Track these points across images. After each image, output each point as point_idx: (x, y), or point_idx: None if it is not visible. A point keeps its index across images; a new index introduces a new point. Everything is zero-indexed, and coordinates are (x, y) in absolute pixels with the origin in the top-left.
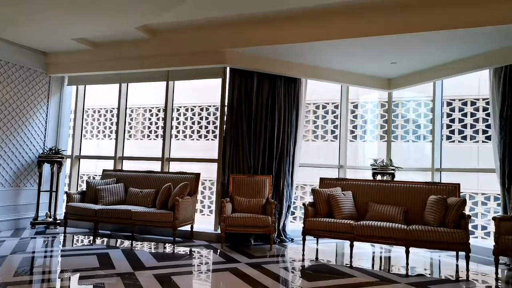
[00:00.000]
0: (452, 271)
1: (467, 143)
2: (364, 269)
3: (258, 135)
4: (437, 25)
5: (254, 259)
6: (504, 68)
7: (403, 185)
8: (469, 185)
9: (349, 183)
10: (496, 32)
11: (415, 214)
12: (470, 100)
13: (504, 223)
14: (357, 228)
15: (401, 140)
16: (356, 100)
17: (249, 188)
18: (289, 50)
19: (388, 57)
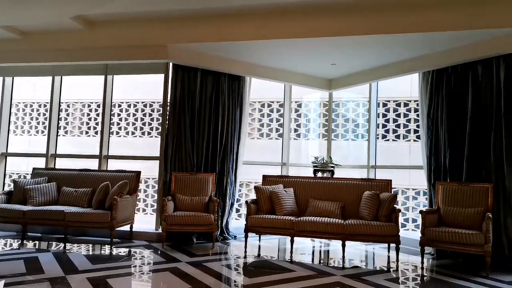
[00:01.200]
0: (384, 262)
1: (400, 141)
2: (303, 263)
3: (201, 132)
4: (371, 29)
5: (196, 258)
6: (431, 72)
7: (341, 181)
8: (402, 181)
9: (291, 180)
10: (425, 39)
11: (351, 209)
12: (403, 101)
13: (429, 216)
14: (297, 224)
15: (341, 139)
16: (300, 99)
17: (192, 186)
18: (234, 48)
19: (328, 58)
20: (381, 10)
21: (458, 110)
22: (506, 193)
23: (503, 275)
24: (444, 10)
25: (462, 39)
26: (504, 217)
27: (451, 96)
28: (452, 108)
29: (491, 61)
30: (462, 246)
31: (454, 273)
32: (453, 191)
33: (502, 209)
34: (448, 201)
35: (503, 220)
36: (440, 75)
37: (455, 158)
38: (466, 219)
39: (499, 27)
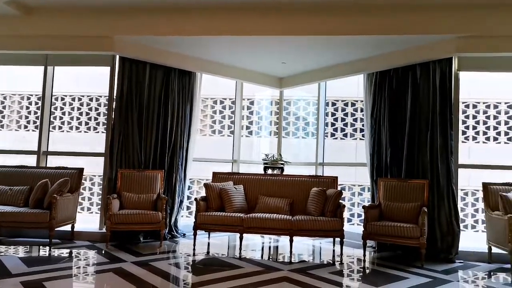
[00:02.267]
0: (330, 256)
1: (348, 140)
2: (252, 259)
3: (150, 128)
4: (319, 30)
5: (142, 257)
6: (375, 74)
7: (290, 178)
8: (349, 177)
9: (241, 177)
10: (370, 41)
11: (299, 205)
12: (350, 101)
13: (371, 211)
14: (246, 221)
15: (292, 137)
16: (253, 96)
17: (139, 183)
18: (185, 43)
19: (279, 57)
20: (329, 12)
21: (399, 111)
22: (440, 189)
23: (436, 265)
24: (388, 16)
25: (404, 43)
26: (438, 211)
27: (392, 97)
28: (393, 109)
29: (428, 64)
30: (400, 239)
31: (393, 264)
32: (393, 187)
33: (436, 204)
34: (388, 197)
35: (437, 214)
36: (383, 77)
37: (395, 156)
38: (404, 213)
39: (434, 33)
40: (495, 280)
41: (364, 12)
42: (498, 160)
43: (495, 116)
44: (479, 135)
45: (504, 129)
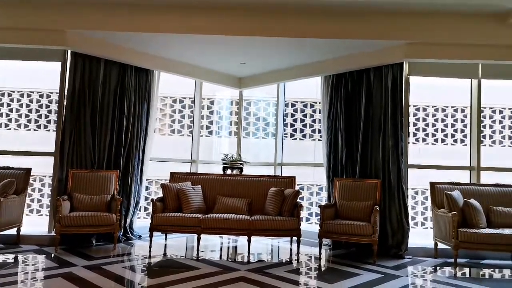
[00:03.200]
0: (287, 255)
1: (307, 140)
2: (210, 260)
3: (104, 126)
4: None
5: (94, 261)
6: (331, 77)
7: (248, 178)
8: (307, 177)
9: (199, 178)
10: (325, 45)
11: (258, 205)
12: (309, 102)
13: (327, 210)
14: (204, 221)
15: (252, 137)
16: (213, 96)
17: (92, 184)
18: (142, 40)
19: (238, 57)
20: (287, 14)
21: (354, 112)
22: (391, 188)
23: (388, 261)
24: (343, 21)
25: (358, 47)
26: (389, 209)
27: (348, 99)
28: (349, 111)
29: (381, 69)
30: (354, 236)
31: (347, 261)
32: (348, 187)
33: (388, 203)
34: (343, 196)
35: (388, 212)
36: (339, 80)
37: (350, 156)
38: (358, 212)
39: (385, 39)
40: (441, 274)
41: (321, 16)
42: (445, 161)
43: (442, 119)
44: (429, 137)
45: (451, 131)
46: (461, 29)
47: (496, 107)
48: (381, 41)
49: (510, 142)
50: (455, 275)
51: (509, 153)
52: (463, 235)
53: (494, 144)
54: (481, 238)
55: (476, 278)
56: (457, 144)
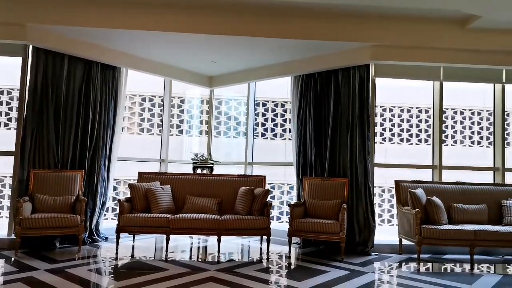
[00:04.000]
0: (257, 254)
1: (277, 140)
2: (179, 261)
3: (68, 125)
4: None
5: (58, 264)
6: (301, 77)
7: (218, 178)
8: (278, 176)
9: (168, 177)
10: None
11: (228, 205)
12: (280, 102)
13: (297, 209)
14: (173, 222)
15: (223, 136)
16: (183, 95)
17: (56, 184)
18: (108, 36)
19: (208, 55)
20: (257, 14)
21: (323, 112)
22: (358, 187)
23: (355, 258)
24: (312, 22)
25: (326, 48)
26: (357, 207)
27: (317, 99)
28: (318, 110)
29: (349, 70)
30: (323, 234)
31: (316, 259)
32: (317, 186)
33: (355, 201)
34: (313, 195)
35: (355, 210)
36: (309, 80)
37: (319, 156)
38: (327, 210)
39: (352, 41)
40: (405, 269)
41: (289, 16)
42: (410, 160)
43: (408, 120)
44: (395, 137)
45: (415, 131)
46: (425, 33)
47: (458, 108)
48: (348, 42)
49: (470, 142)
50: (418, 270)
51: (469, 153)
52: (425, 231)
53: (455, 143)
54: (443, 234)
55: (438, 272)
56: (421, 143)
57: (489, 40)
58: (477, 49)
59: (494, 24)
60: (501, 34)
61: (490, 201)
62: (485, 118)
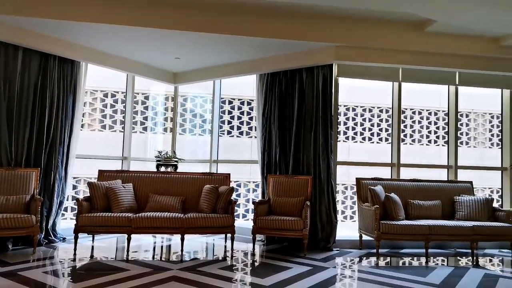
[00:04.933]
0: (221, 252)
1: (244, 138)
2: (141, 261)
3: (22, 121)
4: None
5: (10, 267)
6: (266, 75)
7: (182, 176)
8: (244, 174)
9: (130, 175)
10: (260, 43)
11: (192, 203)
12: (247, 100)
13: (261, 206)
14: (135, 221)
15: (189, 133)
16: (148, 91)
17: (9, 183)
18: (67, 28)
19: (173, 51)
20: (222, 11)
21: (287, 111)
22: (321, 184)
23: (317, 254)
24: (277, 21)
25: (291, 47)
26: (319, 204)
27: (281, 98)
28: (282, 109)
29: (313, 69)
30: (286, 231)
31: (280, 256)
32: (281, 183)
33: (318, 198)
34: (277, 192)
35: (318, 207)
36: (274, 78)
37: (283, 154)
38: (290, 207)
39: (315, 41)
40: (365, 264)
41: (254, 15)
42: (372, 158)
43: (370, 119)
44: (357, 136)
45: (377, 130)
46: (385, 35)
47: (416, 108)
48: (313, 42)
49: (428, 141)
50: (377, 265)
51: (426, 151)
52: (384, 226)
53: (414, 142)
54: (400, 229)
55: (396, 266)
56: (382, 142)
57: (444, 44)
58: (433, 52)
59: (449, 28)
60: (455, 38)
61: (443, 197)
62: (441, 118)
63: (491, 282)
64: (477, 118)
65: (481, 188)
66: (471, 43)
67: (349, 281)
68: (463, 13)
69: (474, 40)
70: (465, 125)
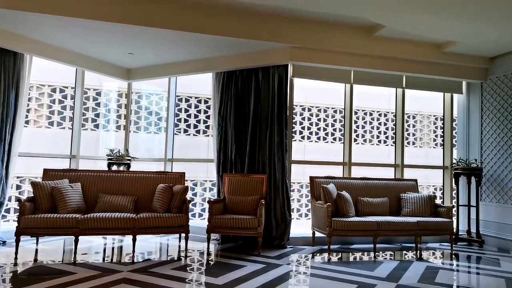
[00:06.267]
0: (175, 252)
1: (201, 136)
2: (89, 263)
3: None
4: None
5: None
6: (223, 73)
7: (135, 175)
8: (201, 173)
9: (78, 174)
10: (217, 42)
11: (145, 203)
12: (204, 98)
13: (216, 205)
14: (83, 222)
15: (144, 131)
16: (100, 87)
17: None
18: (7, 17)
19: (125, 46)
20: (177, 8)
21: (243, 110)
22: (276, 183)
23: (271, 251)
24: (234, 20)
25: (247, 47)
26: (274, 203)
27: (238, 97)
28: (239, 108)
29: (269, 69)
30: (241, 230)
31: (234, 255)
32: (237, 182)
33: (273, 196)
34: (232, 191)
35: (273, 205)
36: (230, 77)
37: (239, 152)
38: (246, 206)
39: (271, 41)
40: (317, 260)
41: (209, 13)
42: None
43: (324, 119)
44: (313, 135)
45: (331, 130)
46: (338, 38)
47: (367, 110)
48: (269, 42)
49: (378, 141)
50: (329, 260)
51: (377, 151)
52: (335, 223)
53: (365, 142)
54: (350, 225)
55: (346, 261)
56: (336, 142)
57: (392, 48)
58: (382, 55)
59: (396, 33)
60: (402, 43)
61: (391, 194)
62: (390, 119)
63: (432, 274)
64: (423, 119)
65: (426, 185)
66: (416, 48)
67: (301, 277)
68: (410, 19)
69: (419, 46)
70: (412, 126)
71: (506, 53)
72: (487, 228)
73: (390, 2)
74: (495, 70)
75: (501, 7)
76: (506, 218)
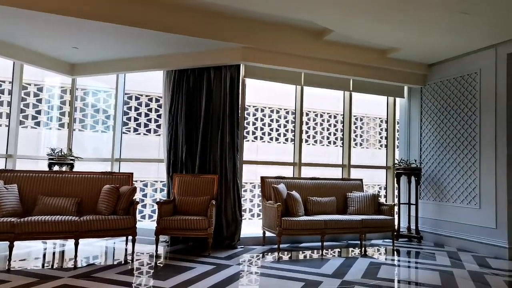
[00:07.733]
0: (122, 256)
1: (151, 135)
2: (26, 270)
3: None
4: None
5: None
6: (174, 72)
7: (79, 175)
8: (151, 173)
9: (15, 175)
10: (167, 39)
11: (89, 205)
12: (155, 96)
13: (165, 206)
14: (18, 226)
15: (90, 130)
16: (42, 82)
17: None
18: None
19: (70, 40)
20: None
21: (195, 109)
22: (227, 183)
23: (222, 252)
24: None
25: (200, 45)
26: (225, 203)
27: (189, 96)
28: (190, 107)
29: (221, 69)
30: (191, 231)
31: (184, 256)
32: (187, 182)
33: (224, 196)
34: (182, 192)
35: (224, 206)
36: (181, 75)
37: (190, 152)
38: (196, 207)
39: (222, 40)
40: (267, 259)
41: (159, 8)
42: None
43: (277, 120)
44: (265, 136)
45: (283, 131)
46: (288, 40)
47: (318, 111)
48: (221, 42)
49: (328, 142)
50: (279, 259)
51: (326, 151)
52: (285, 223)
53: (316, 143)
54: (299, 225)
55: (295, 260)
56: (288, 142)
57: (339, 52)
58: (330, 59)
59: (344, 38)
60: (350, 48)
61: (338, 193)
62: (339, 121)
63: (375, 269)
64: (369, 121)
65: (372, 185)
66: (363, 53)
67: (251, 277)
68: (355, 25)
69: (365, 51)
70: (359, 128)
71: (442, 61)
72: (425, 225)
73: (336, 7)
74: (433, 76)
75: (436, 20)
76: (441, 215)
